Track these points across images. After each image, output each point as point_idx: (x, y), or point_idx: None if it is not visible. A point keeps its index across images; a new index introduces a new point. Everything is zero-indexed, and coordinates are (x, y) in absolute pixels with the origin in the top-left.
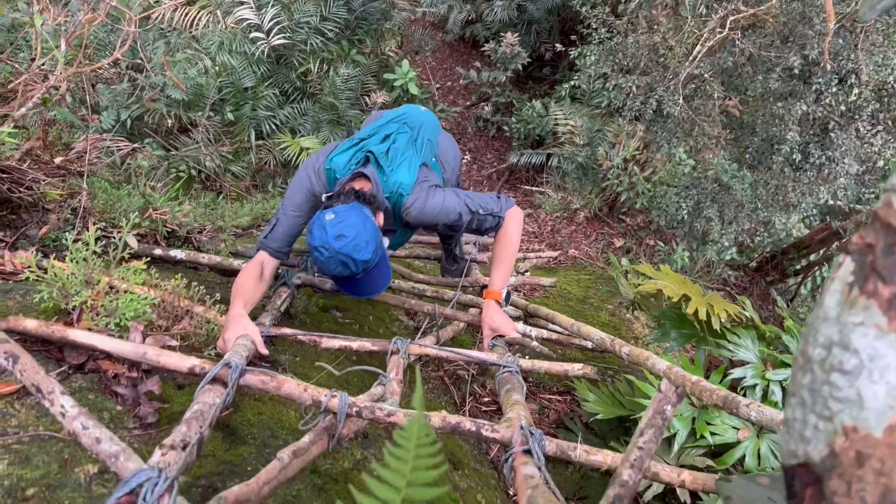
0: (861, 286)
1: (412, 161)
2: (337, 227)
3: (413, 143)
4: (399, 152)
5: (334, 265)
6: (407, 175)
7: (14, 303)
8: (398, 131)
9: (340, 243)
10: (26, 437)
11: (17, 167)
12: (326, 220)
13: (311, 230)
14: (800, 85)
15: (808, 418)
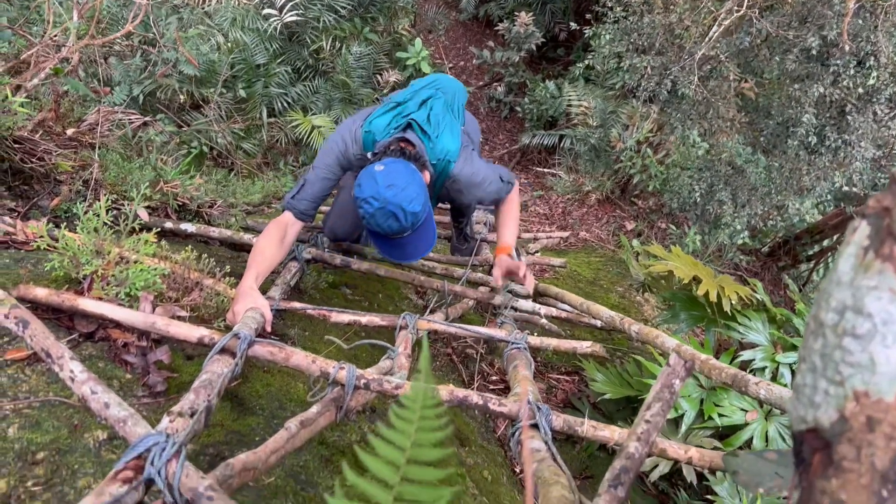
0: (876, 250)
1: (453, 126)
2: (388, 177)
3: (450, 108)
4: (439, 118)
5: (383, 217)
6: (452, 141)
7: (25, 272)
8: (433, 97)
9: (391, 192)
10: (37, 403)
11: (30, 138)
12: (376, 170)
13: (360, 182)
14: (817, 66)
15: (818, 384)
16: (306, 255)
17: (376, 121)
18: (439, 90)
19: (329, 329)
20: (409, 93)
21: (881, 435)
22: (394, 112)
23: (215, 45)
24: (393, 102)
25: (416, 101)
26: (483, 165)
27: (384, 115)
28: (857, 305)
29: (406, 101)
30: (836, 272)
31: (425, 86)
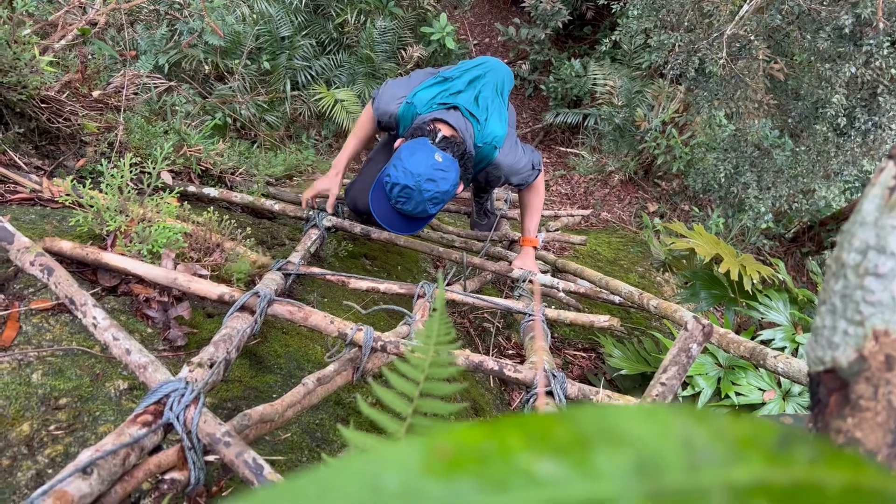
0: None
1: (501, 111)
2: (438, 173)
3: (499, 92)
4: (489, 100)
5: (402, 195)
6: (500, 126)
7: (51, 227)
8: (481, 77)
9: (430, 186)
10: (60, 351)
11: (56, 98)
12: (435, 158)
13: (414, 153)
14: (849, 46)
15: (837, 324)
16: (326, 223)
17: (421, 93)
18: (489, 72)
19: (348, 296)
20: (458, 70)
21: None
22: (440, 87)
23: (241, 17)
24: (441, 77)
25: (465, 79)
26: (522, 153)
27: (430, 87)
28: (881, 244)
29: (454, 78)
30: (860, 213)
31: (475, 65)
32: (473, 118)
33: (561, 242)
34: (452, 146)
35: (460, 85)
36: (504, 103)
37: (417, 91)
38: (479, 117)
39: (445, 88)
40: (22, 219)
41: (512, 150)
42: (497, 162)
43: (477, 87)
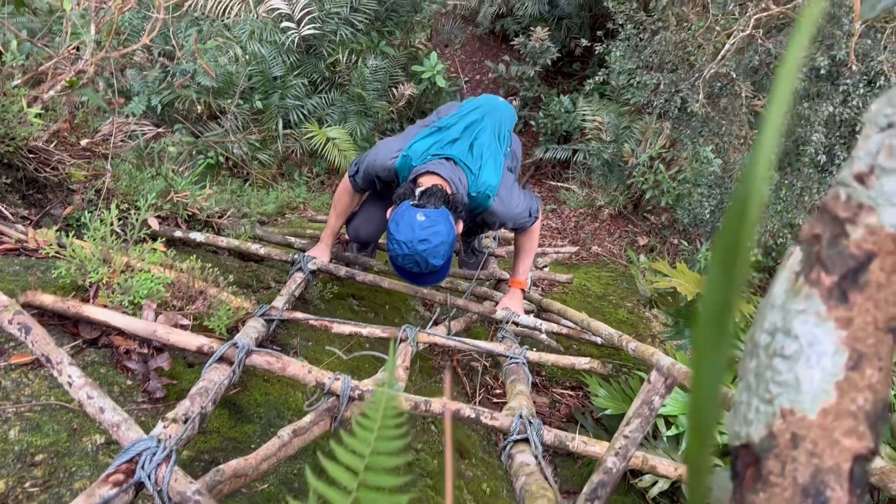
0: (806, 275)
1: (497, 157)
2: (425, 232)
3: (497, 135)
4: (484, 147)
5: (407, 262)
6: (494, 175)
7: (35, 278)
8: (479, 122)
9: (423, 246)
10: (38, 406)
11: (44, 148)
12: (417, 220)
13: (399, 224)
14: (827, 86)
15: (751, 401)
16: (311, 267)
17: (416, 145)
18: (488, 114)
19: (332, 339)
20: (456, 117)
21: (803, 451)
22: (435, 137)
23: (233, 57)
24: (436, 126)
25: (461, 126)
26: (519, 198)
27: (425, 138)
28: (787, 327)
29: (450, 126)
30: (770, 295)
31: (473, 108)
32: (467, 168)
33: (548, 280)
34: (433, 198)
35: (455, 133)
36: (501, 147)
37: (413, 143)
38: (473, 167)
39: (440, 138)
40: (6, 270)
41: (507, 198)
42: (492, 209)
43: (473, 132)
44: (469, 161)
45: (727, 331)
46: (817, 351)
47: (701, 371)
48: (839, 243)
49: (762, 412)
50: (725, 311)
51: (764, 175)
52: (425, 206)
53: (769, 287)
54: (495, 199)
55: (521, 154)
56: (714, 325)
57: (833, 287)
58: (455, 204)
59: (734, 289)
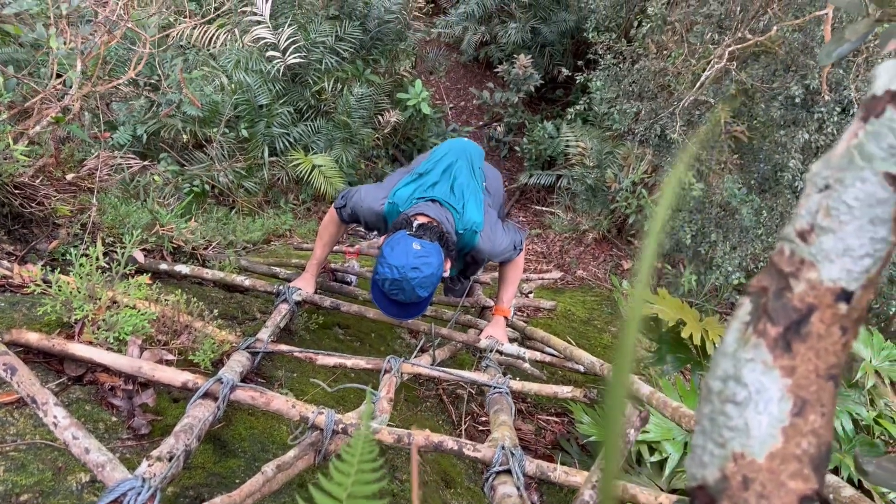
0: (754, 326)
1: (477, 195)
2: (418, 260)
3: (472, 174)
4: (464, 186)
5: (394, 287)
6: (477, 212)
7: (20, 315)
8: (455, 164)
9: (414, 274)
10: (23, 445)
11: (30, 183)
12: (413, 248)
13: (394, 248)
14: (802, 113)
15: (706, 445)
16: (296, 298)
17: (399, 192)
18: (459, 156)
19: (317, 371)
20: (431, 162)
21: (753, 493)
22: (417, 183)
23: (219, 86)
24: (416, 174)
25: (439, 170)
26: (503, 235)
27: (407, 185)
28: (737, 375)
29: (429, 171)
30: (723, 344)
31: (444, 154)
32: (452, 208)
33: (533, 306)
34: (429, 232)
35: (435, 177)
36: (479, 185)
37: (396, 190)
38: (457, 206)
39: (422, 183)
40: None
41: (492, 236)
42: (479, 247)
43: (451, 174)
44: (453, 201)
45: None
46: (765, 398)
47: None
48: (784, 296)
49: (716, 455)
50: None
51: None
52: (422, 237)
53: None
54: (481, 237)
55: (500, 185)
56: (617, 401)
57: (778, 337)
58: (447, 242)
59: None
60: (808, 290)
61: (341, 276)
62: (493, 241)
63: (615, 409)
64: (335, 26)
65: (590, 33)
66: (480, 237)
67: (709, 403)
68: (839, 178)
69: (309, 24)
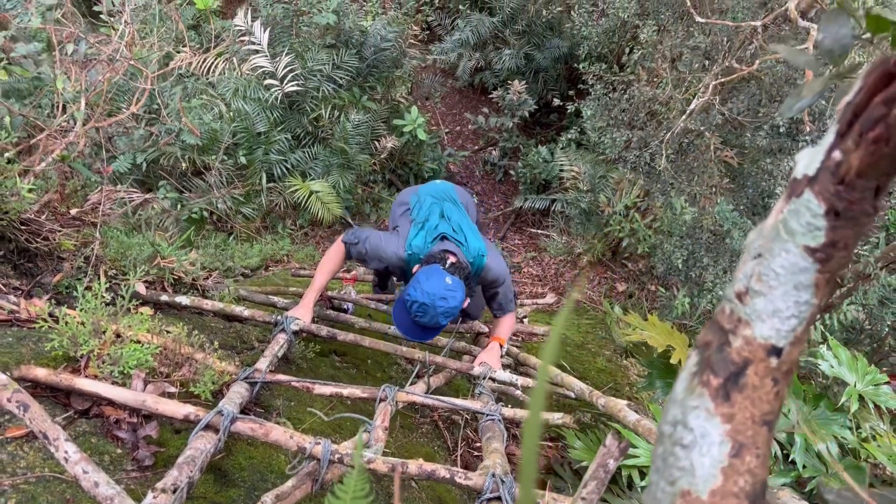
0: (699, 376)
1: (470, 224)
2: (448, 292)
3: (458, 209)
4: (460, 221)
5: (420, 310)
6: (477, 240)
7: (27, 350)
8: (441, 204)
9: (442, 303)
10: (33, 478)
11: (35, 219)
12: (445, 281)
13: (430, 278)
14: (788, 141)
15: (659, 482)
16: (294, 328)
17: (413, 242)
18: (441, 197)
19: (314, 399)
20: (425, 211)
21: None
22: (424, 231)
23: (218, 114)
24: (420, 220)
25: (436, 215)
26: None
27: (418, 234)
28: (685, 420)
29: (428, 219)
30: (673, 391)
31: (434, 202)
32: (458, 242)
33: (527, 332)
34: (459, 270)
35: (435, 220)
36: (464, 214)
37: (410, 241)
38: (461, 239)
39: (428, 229)
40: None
41: (495, 255)
42: (487, 265)
43: (446, 215)
44: (457, 236)
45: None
46: (707, 441)
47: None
48: (724, 350)
49: (667, 492)
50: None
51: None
52: (453, 273)
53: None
54: (488, 259)
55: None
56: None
57: (719, 387)
58: (470, 282)
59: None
60: (744, 346)
61: (338, 304)
62: (498, 261)
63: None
64: (332, 54)
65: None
66: (487, 259)
67: (661, 445)
68: (769, 248)
69: (306, 53)
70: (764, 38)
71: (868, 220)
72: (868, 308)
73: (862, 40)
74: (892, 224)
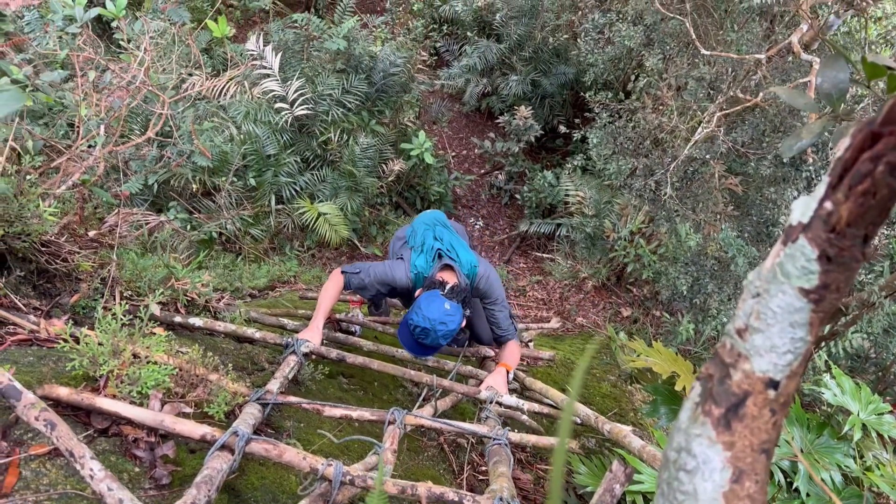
0: (702, 406)
1: (461, 242)
2: (447, 317)
3: (448, 230)
4: (452, 241)
5: (422, 333)
6: (468, 254)
7: (48, 369)
8: (433, 230)
9: (441, 327)
10: (55, 495)
11: (55, 241)
12: (444, 307)
13: (431, 304)
14: (791, 171)
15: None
16: (304, 350)
17: (417, 263)
18: (431, 223)
19: (323, 421)
20: (420, 237)
21: None
22: (423, 252)
23: (228, 137)
24: (418, 246)
25: (430, 238)
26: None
27: (419, 257)
28: (688, 447)
29: (424, 242)
30: (678, 420)
31: (426, 228)
32: (451, 259)
33: (533, 357)
34: (457, 294)
35: (430, 243)
36: (454, 234)
37: (414, 263)
38: (454, 255)
39: (425, 250)
40: (21, 361)
41: (486, 265)
42: (479, 274)
43: (438, 237)
44: (451, 254)
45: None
46: (709, 467)
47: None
48: (725, 382)
49: None
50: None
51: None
52: (452, 298)
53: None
54: (479, 268)
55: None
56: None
57: (721, 417)
58: (466, 301)
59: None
60: (744, 379)
61: (346, 326)
62: (488, 269)
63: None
64: (342, 79)
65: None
66: (479, 269)
67: (666, 470)
68: (766, 289)
69: (316, 77)
70: (768, 69)
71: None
72: (873, 336)
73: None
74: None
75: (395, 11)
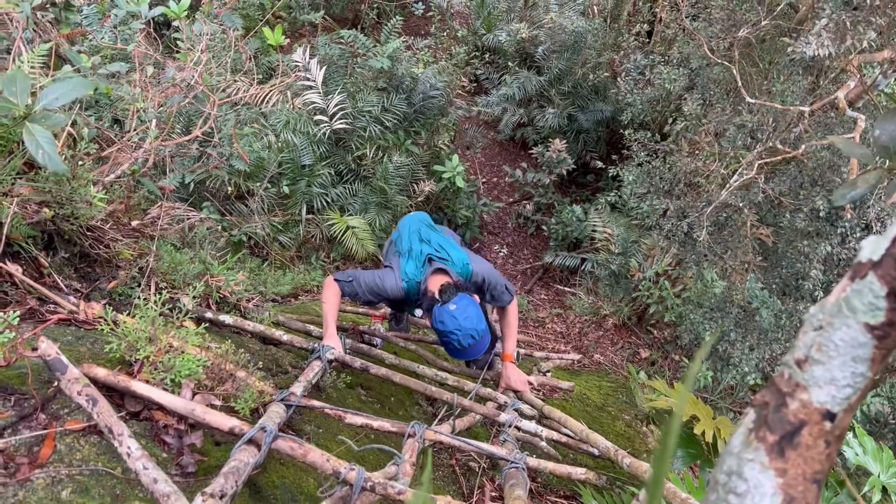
0: (756, 432)
1: (448, 241)
2: (462, 313)
3: (434, 230)
4: (439, 241)
5: (466, 339)
6: (458, 252)
7: (86, 349)
8: (419, 233)
9: (467, 322)
10: (87, 471)
11: (100, 227)
12: (451, 310)
13: (443, 321)
14: (826, 226)
15: None
16: (329, 356)
17: (407, 269)
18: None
19: (341, 429)
20: (406, 242)
21: None
22: (412, 258)
23: (267, 144)
24: (405, 251)
25: (416, 242)
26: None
27: (408, 263)
28: (739, 471)
29: (412, 247)
30: (730, 444)
31: (410, 232)
32: (441, 259)
33: (550, 386)
34: (450, 291)
35: (417, 246)
36: (440, 233)
37: (404, 270)
38: (444, 255)
39: (414, 256)
40: (60, 339)
41: (478, 260)
42: (474, 271)
43: (425, 238)
44: (440, 254)
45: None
46: (760, 492)
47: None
48: (781, 411)
49: None
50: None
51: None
52: (449, 300)
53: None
54: (472, 265)
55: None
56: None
57: (775, 444)
58: (463, 287)
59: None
60: (800, 408)
61: (368, 339)
62: (482, 264)
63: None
64: (382, 97)
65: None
66: (472, 265)
67: (715, 492)
68: (830, 322)
69: (358, 94)
70: (809, 122)
71: None
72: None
73: None
74: None
75: (439, 36)
